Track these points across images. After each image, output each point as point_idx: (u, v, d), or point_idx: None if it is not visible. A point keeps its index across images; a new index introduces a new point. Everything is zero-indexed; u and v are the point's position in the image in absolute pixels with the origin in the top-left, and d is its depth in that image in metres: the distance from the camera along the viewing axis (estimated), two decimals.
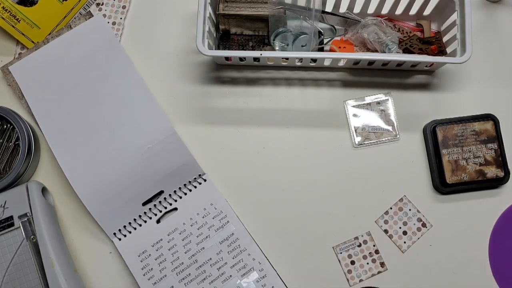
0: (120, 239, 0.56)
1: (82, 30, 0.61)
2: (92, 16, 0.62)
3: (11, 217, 0.54)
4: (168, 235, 0.56)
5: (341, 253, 0.56)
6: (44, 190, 0.57)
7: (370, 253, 0.56)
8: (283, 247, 0.56)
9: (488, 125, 0.56)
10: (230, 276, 0.54)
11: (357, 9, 0.60)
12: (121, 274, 0.57)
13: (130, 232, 0.56)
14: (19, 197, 0.54)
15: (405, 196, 0.57)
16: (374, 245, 0.56)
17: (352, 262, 0.55)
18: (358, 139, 0.59)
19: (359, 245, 0.56)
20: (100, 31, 0.61)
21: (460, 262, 0.55)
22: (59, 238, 0.55)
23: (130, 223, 0.56)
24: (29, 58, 0.60)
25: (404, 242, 0.56)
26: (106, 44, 0.60)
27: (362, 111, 0.60)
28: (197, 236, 0.55)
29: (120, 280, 0.56)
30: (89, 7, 0.64)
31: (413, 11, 0.60)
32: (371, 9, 0.60)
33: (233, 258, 0.54)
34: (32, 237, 0.53)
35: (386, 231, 0.56)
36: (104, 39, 0.60)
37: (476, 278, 0.55)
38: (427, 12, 0.60)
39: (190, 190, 0.57)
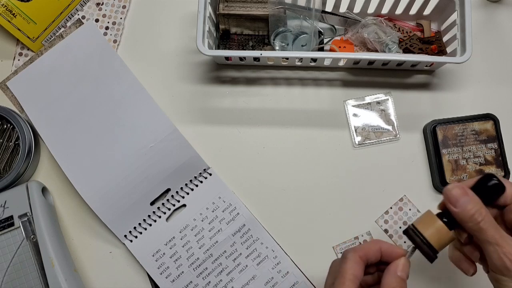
0: (131, 241, 0.56)
1: (74, 39, 0.62)
2: (83, 23, 0.63)
3: (11, 217, 0.54)
4: (180, 232, 0.56)
5: (341, 252, 0.56)
6: (44, 190, 0.57)
7: None
8: (283, 247, 0.56)
9: (488, 125, 0.56)
10: (246, 266, 0.55)
11: (357, 8, 0.60)
12: (121, 274, 0.57)
13: (141, 233, 0.56)
14: (19, 197, 0.55)
15: (405, 195, 0.57)
16: None
17: None
18: (358, 139, 0.59)
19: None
20: (91, 38, 0.62)
21: None
22: (59, 238, 0.55)
23: (140, 223, 0.57)
24: (25, 72, 0.61)
25: (404, 242, 0.56)
26: (99, 50, 0.61)
27: (362, 111, 0.60)
28: (209, 231, 0.56)
29: (120, 279, 0.56)
30: (86, 3, 0.64)
31: (413, 11, 0.60)
32: (371, 9, 0.60)
33: (247, 249, 0.55)
34: (32, 236, 0.53)
35: (386, 231, 0.56)
36: (96, 44, 0.61)
37: (476, 278, 0.55)
38: (427, 12, 0.60)
39: (197, 186, 0.58)
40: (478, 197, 0.37)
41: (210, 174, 0.58)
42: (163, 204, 0.58)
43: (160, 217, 0.57)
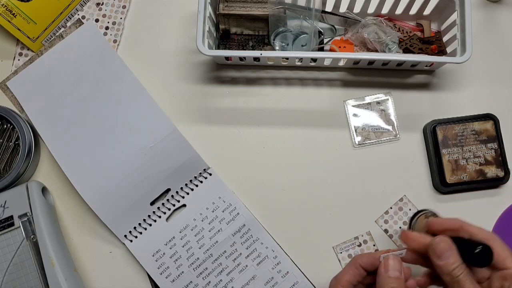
0: (131, 241, 0.56)
1: (74, 39, 0.62)
2: (83, 23, 0.63)
3: (11, 217, 0.54)
4: (180, 232, 0.56)
5: (341, 252, 0.56)
6: (44, 190, 0.57)
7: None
8: (283, 247, 0.56)
9: (488, 125, 0.56)
10: (246, 266, 0.55)
11: (357, 8, 0.60)
12: (121, 274, 0.57)
13: (141, 233, 0.56)
14: (19, 197, 0.55)
15: (405, 195, 0.57)
16: (374, 245, 0.56)
17: None
18: (358, 139, 0.59)
19: (359, 245, 0.56)
20: (91, 38, 0.62)
21: None
22: (59, 238, 0.55)
23: (140, 224, 0.57)
24: (25, 71, 0.61)
25: None
26: (99, 50, 0.61)
27: (362, 111, 0.60)
28: (209, 231, 0.56)
29: (120, 279, 0.56)
30: (86, 3, 0.64)
31: (413, 11, 0.60)
32: (371, 9, 0.60)
33: (247, 249, 0.55)
34: (32, 236, 0.53)
35: (386, 231, 0.56)
36: (96, 44, 0.61)
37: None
38: (427, 12, 0.60)
39: (197, 186, 0.58)
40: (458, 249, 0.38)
41: (210, 174, 0.58)
42: (163, 204, 0.58)
43: (160, 217, 0.57)
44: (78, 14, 0.64)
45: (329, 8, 0.60)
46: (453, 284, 0.37)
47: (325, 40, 0.61)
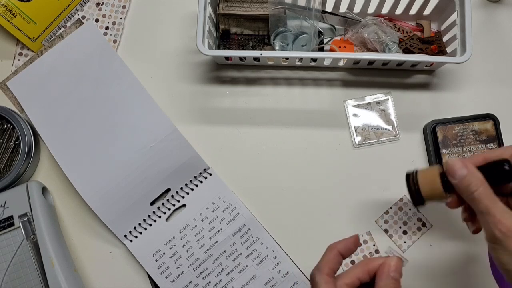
0: (131, 241, 0.56)
1: (74, 39, 0.62)
2: (83, 23, 0.63)
3: (11, 217, 0.54)
4: (180, 232, 0.56)
5: None
6: (44, 190, 0.57)
7: (370, 253, 0.56)
8: (283, 247, 0.56)
9: (488, 125, 0.56)
10: (246, 266, 0.55)
11: (357, 8, 0.60)
12: (121, 274, 0.57)
13: (141, 233, 0.56)
14: (19, 197, 0.55)
15: (405, 195, 0.57)
16: (374, 245, 0.56)
17: (352, 262, 0.55)
18: (358, 139, 0.59)
19: (359, 245, 0.56)
20: (91, 38, 0.62)
21: (460, 262, 0.55)
22: (59, 238, 0.55)
23: (140, 224, 0.57)
24: (25, 71, 0.61)
25: (404, 242, 0.56)
26: (99, 50, 0.61)
27: (362, 111, 0.60)
28: (209, 231, 0.56)
29: (120, 279, 0.56)
30: (86, 3, 0.64)
31: (413, 11, 0.60)
32: (371, 9, 0.60)
33: (247, 249, 0.55)
34: (32, 236, 0.53)
35: (386, 231, 0.56)
36: (96, 44, 0.61)
37: (476, 278, 0.55)
38: (427, 12, 0.60)
39: (197, 186, 0.58)
40: (483, 175, 0.38)
41: (210, 174, 0.58)
42: (163, 204, 0.58)
43: (160, 217, 0.57)
44: (78, 14, 0.64)
45: (329, 8, 0.60)
46: (470, 202, 0.38)
47: (325, 40, 0.61)
